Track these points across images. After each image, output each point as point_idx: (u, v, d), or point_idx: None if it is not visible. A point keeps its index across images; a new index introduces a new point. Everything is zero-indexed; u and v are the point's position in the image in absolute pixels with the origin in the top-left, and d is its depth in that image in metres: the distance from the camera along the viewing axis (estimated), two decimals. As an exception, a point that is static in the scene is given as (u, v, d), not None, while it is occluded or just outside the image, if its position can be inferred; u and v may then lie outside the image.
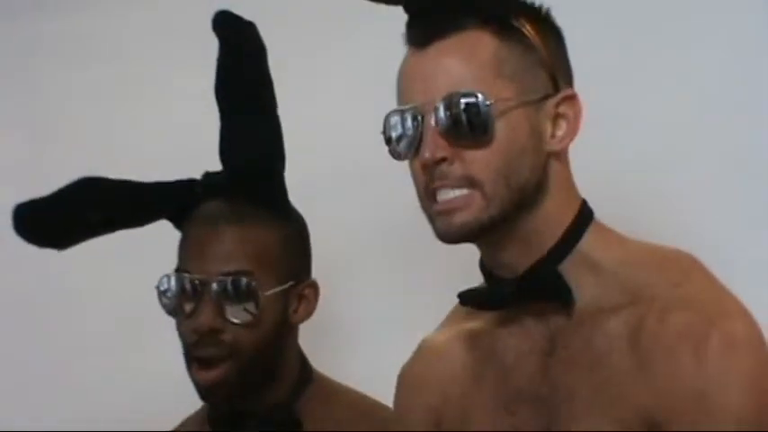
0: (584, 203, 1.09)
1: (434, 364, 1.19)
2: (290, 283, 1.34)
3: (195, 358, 1.30)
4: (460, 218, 1.02)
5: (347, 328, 1.74)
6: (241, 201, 1.34)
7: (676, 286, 1.02)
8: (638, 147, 1.90)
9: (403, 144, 1.05)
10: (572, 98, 1.06)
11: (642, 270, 1.05)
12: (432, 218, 1.06)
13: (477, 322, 1.13)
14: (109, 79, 2.05)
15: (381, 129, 1.07)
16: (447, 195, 1.03)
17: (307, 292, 1.37)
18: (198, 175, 1.40)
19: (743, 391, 0.97)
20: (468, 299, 1.10)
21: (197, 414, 1.47)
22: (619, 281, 1.05)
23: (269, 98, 1.38)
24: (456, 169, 1.02)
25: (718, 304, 1.01)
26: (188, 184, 1.39)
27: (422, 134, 1.03)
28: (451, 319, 1.20)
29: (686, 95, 1.97)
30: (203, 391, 1.32)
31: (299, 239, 1.39)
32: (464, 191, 1.02)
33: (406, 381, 1.22)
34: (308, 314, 1.39)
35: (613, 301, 1.05)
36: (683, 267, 1.05)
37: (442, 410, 1.17)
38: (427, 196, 1.05)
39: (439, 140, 1.01)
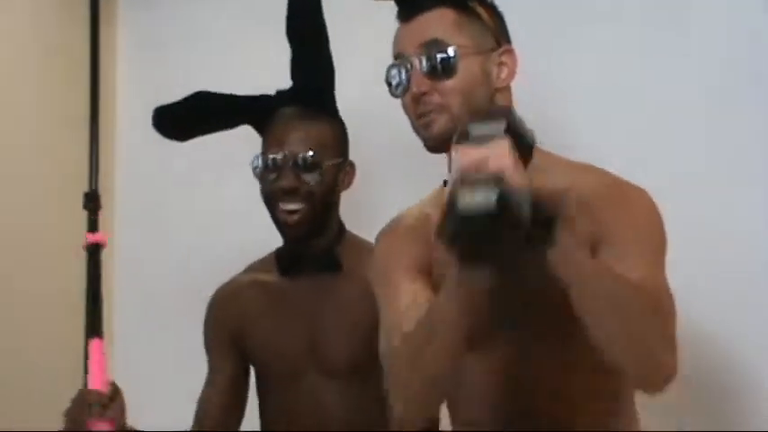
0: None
1: (405, 232, 1.69)
2: (340, 159, 2.00)
3: (282, 210, 1.96)
4: (437, 129, 1.55)
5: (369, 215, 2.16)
6: (305, 106, 2.01)
7: (602, 175, 1.58)
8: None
9: (400, 87, 1.59)
10: (510, 51, 1.61)
11: (567, 167, 1.59)
12: (419, 132, 1.59)
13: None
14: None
15: (384, 77, 1.62)
16: (429, 117, 1.57)
17: (348, 169, 2.04)
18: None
19: (643, 215, 1.54)
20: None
21: (261, 261, 2.12)
22: (552, 172, 1.54)
23: (323, 38, 2.04)
24: (434, 98, 1.56)
25: (625, 182, 1.59)
26: (268, 96, 2.06)
27: (410, 77, 1.57)
28: (427, 201, 1.70)
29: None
30: (287, 229, 1.97)
31: (343, 132, 2.05)
32: (431, 112, 1.58)
33: (379, 243, 1.73)
34: (349, 185, 2.05)
35: (557, 182, 1.52)
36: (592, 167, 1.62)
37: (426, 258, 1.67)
38: (416, 118, 1.58)
39: (422, 79, 1.55)
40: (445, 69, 1.58)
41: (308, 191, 1.97)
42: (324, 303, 2.08)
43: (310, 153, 1.97)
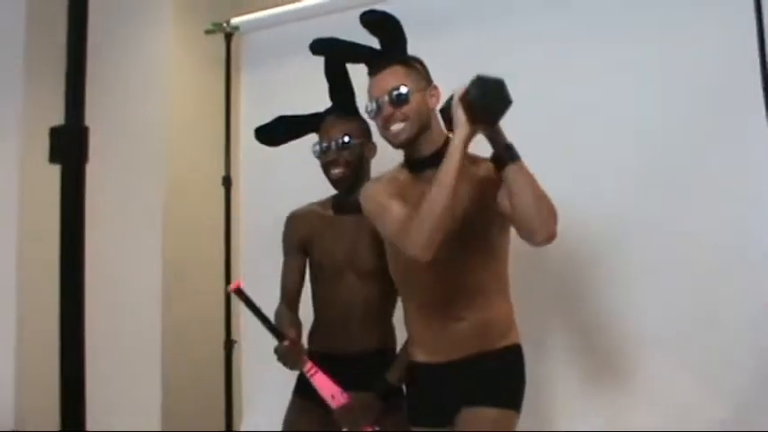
0: (447, 137, 2.16)
1: (389, 182, 2.25)
2: (363, 140, 2.58)
3: (332, 174, 2.53)
4: (402, 136, 2.15)
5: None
6: (339, 113, 2.58)
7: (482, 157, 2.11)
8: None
9: (376, 114, 2.15)
10: (436, 87, 2.18)
11: (473, 158, 2.12)
12: (388, 139, 2.17)
13: (405, 175, 2.26)
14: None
15: (365, 109, 2.18)
16: (392, 127, 2.14)
17: (371, 146, 2.60)
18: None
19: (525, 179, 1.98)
20: (408, 164, 2.26)
21: (322, 202, 2.65)
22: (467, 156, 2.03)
23: (346, 77, 2.60)
24: (397, 116, 2.13)
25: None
26: (319, 112, 2.63)
27: (381, 107, 2.14)
28: (393, 171, 2.28)
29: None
30: (335, 185, 2.55)
31: (364, 123, 2.55)
32: (401, 124, 2.14)
33: (368, 191, 2.24)
34: (373, 156, 2.58)
35: (469, 161, 2.06)
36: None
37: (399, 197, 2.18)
38: (385, 129, 2.16)
39: (389, 108, 2.14)
40: (402, 101, 2.16)
41: (345, 161, 2.54)
42: (359, 230, 2.53)
43: (345, 138, 2.54)
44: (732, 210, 2.54)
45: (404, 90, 2.14)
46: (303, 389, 2.58)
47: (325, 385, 2.42)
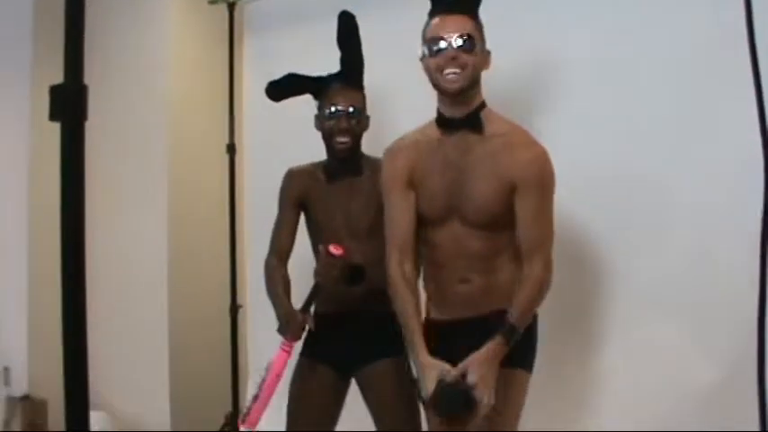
0: (483, 101, 2.24)
1: (409, 146, 2.29)
2: (364, 113, 2.64)
3: (338, 141, 2.57)
4: (457, 84, 2.14)
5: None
6: (346, 83, 2.63)
7: (523, 134, 2.17)
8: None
9: (434, 53, 2.13)
10: (489, 52, 2.21)
11: (506, 124, 2.19)
12: (441, 83, 2.14)
13: (435, 132, 2.26)
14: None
15: (427, 48, 2.15)
16: (450, 71, 2.13)
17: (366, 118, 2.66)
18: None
19: (538, 164, 2.11)
20: (440, 121, 2.25)
21: (315, 166, 2.68)
22: (498, 125, 2.16)
23: (358, 46, 2.66)
24: (458, 62, 2.12)
25: (533, 141, 2.17)
26: (324, 76, 2.67)
27: (447, 47, 2.12)
28: (423, 127, 2.28)
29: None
30: (339, 153, 2.58)
31: (365, 97, 2.66)
32: (460, 71, 2.13)
33: (390, 152, 2.31)
34: (366, 127, 2.65)
35: (497, 131, 2.14)
36: (523, 131, 2.20)
37: (413, 167, 2.26)
38: (440, 72, 2.13)
39: (456, 51, 2.13)
40: (469, 49, 2.15)
41: (353, 131, 2.60)
42: (352, 193, 2.60)
43: (354, 108, 2.60)
44: (733, 171, 2.49)
45: (474, 38, 2.17)
46: (310, 350, 2.64)
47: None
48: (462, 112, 2.18)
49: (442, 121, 2.21)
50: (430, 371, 2.07)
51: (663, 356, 2.64)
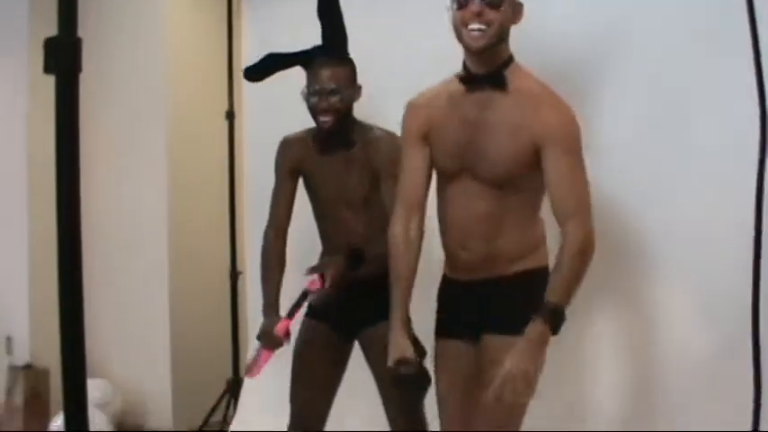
0: (510, 54, 2.17)
1: (430, 100, 2.26)
2: (352, 85, 2.58)
3: (321, 120, 2.54)
4: (481, 41, 2.07)
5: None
6: (330, 56, 2.58)
7: (551, 95, 2.10)
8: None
9: (467, 5, 2.04)
10: (521, 4, 2.13)
11: (534, 83, 2.13)
12: (464, 39, 2.07)
13: (458, 87, 2.20)
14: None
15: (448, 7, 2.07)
16: (474, 27, 2.05)
17: (357, 89, 2.59)
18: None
19: (566, 124, 2.05)
20: (463, 77, 2.18)
21: (309, 133, 2.66)
22: (524, 82, 2.10)
23: (340, 17, 2.61)
24: (483, 19, 2.04)
25: (560, 101, 2.10)
26: (309, 50, 2.64)
27: (473, 1, 2.04)
28: (448, 81, 2.22)
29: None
30: (324, 129, 2.55)
31: (353, 69, 2.61)
32: (484, 27, 2.06)
33: (409, 107, 2.29)
34: (358, 98, 2.60)
35: (522, 89, 2.08)
36: (551, 92, 2.12)
37: (430, 122, 2.23)
38: (465, 26, 2.06)
39: (481, 6, 2.04)
40: (495, 4, 2.07)
41: (335, 108, 2.55)
42: (346, 164, 2.60)
43: (335, 85, 2.55)
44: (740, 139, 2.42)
45: None
46: (316, 312, 2.67)
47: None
48: (485, 69, 2.13)
49: (465, 77, 2.17)
50: (394, 347, 2.18)
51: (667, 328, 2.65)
